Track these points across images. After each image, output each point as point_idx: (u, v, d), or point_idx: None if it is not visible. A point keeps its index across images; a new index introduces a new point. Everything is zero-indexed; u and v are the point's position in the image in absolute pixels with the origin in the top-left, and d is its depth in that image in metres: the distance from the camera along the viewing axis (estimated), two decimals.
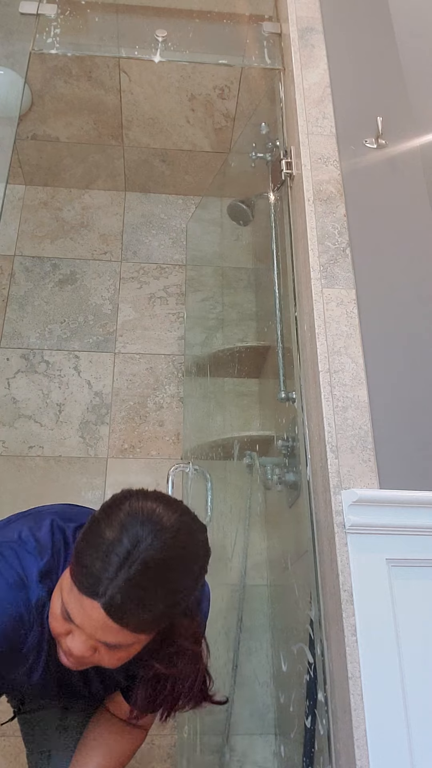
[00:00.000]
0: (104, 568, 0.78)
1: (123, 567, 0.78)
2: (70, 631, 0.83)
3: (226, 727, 1.85)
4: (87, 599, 0.79)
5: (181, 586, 0.82)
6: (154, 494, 0.87)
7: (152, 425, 2.32)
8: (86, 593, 0.78)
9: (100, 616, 0.78)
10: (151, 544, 0.79)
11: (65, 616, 0.82)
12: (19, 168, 2.72)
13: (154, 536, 0.80)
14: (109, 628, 0.79)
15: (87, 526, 0.84)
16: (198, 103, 2.43)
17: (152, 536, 0.80)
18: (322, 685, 1.21)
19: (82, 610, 0.79)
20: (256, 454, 1.98)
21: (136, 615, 0.78)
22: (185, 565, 0.83)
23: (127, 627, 0.79)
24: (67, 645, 0.84)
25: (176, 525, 0.82)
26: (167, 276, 2.64)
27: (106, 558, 0.78)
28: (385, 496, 1.20)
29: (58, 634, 0.86)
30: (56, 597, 0.85)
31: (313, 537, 1.32)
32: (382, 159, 1.65)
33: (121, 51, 2.13)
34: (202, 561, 0.86)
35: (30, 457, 2.22)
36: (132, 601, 0.77)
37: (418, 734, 1.05)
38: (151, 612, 0.79)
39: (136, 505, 0.83)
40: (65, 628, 0.84)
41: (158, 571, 0.79)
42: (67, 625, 0.83)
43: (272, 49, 2.03)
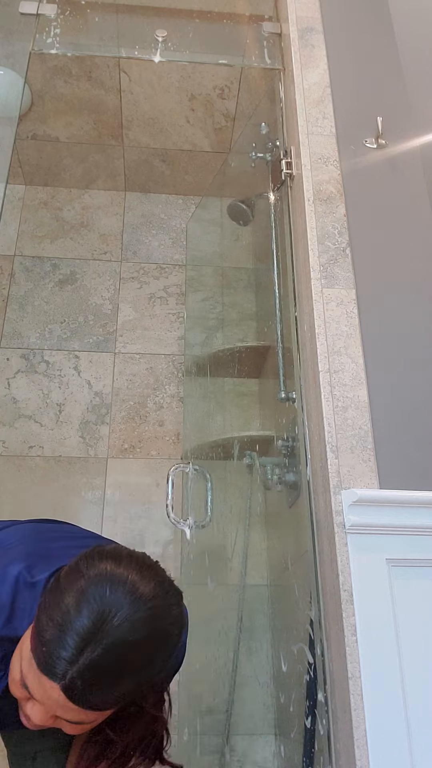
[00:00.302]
0: (64, 648, 0.70)
1: (85, 649, 0.69)
2: (29, 699, 0.76)
3: (226, 727, 1.85)
4: (46, 678, 0.71)
5: (151, 668, 0.74)
6: (127, 556, 0.78)
7: (152, 425, 2.32)
8: (45, 673, 0.71)
9: (60, 698, 0.71)
10: (119, 625, 0.70)
11: (23, 686, 0.75)
12: (19, 168, 2.72)
13: (123, 615, 0.71)
14: (69, 709, 0.72)
15: (51, 587, 0.75)
16: (198, 103, 2.43)
17: (121, 614, 0.71)
18: (322, 686, 1.21)
19: (41, 689, 0.72)
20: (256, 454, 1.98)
21: (98, 697, 0.71)
22: (157, 647, 0.74)
23: (90, 709, 0.72)
24: (27, 711, 0.77)
25: (150, 600, 0.73)
26: (167, 276, 2.64)
27: (66, 636, 0.70)
28: (385, 496, 1.20)
29: (18, 698, 0.79)
30: (16, 662, 0.77)
31: (313, 537, 1.32)
32: (382, 159, 1.65)
33: (121, 51, 2.13)
34: (176, 639, 0.76)
35: (30, 457, 2.22)
36: (94, 686, 0.70)
37: (418, 734, 1.05)
38: (116, 694, 0.72)
39: (105, 569, 0.74)
40: (25, 694, 0.76)
41: (126, 655, 0.71)
42: (26, 692, 0.76)
43: (272, 49, 2.03)
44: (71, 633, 0.70)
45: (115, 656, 0.70)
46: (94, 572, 0.74)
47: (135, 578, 0.74)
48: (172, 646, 0.76)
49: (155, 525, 2.13)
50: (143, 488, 2.19)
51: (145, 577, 0.75)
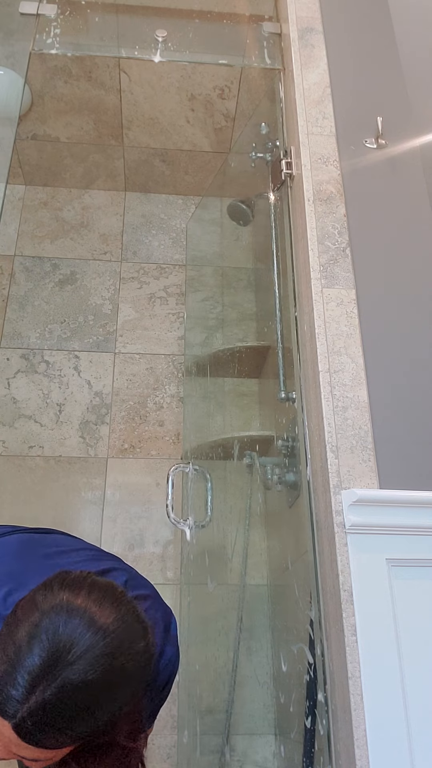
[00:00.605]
0: (14, 686, 0.65)
1: (36, 689, 0.65)
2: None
3: (226, 727, 1.85)
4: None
5: (111, 706, 0.68)
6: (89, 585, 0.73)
7: (152, 425, 2.32)
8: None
9: (12, 736, 0.66)
10: (72, 663, 0.65)
11: None
12: (19, 168, 2.72)
13: (78, 652, 0.66)
14: (23, 747, 0.67)
15: (8, 619, 0.71)
16: (198, 103, 2.43)
17: (75, 651, 0.66)
18: (322, 686, 1.21)
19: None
20: (256, 454, 1.98)
21: (51, 738, 0.66)
22: (116, 684, 0.68)
23: (44, 748, 0.67)
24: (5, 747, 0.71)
25: (109, 635, 0.68)
26: (167, 276, 2.64)
27: (17, 674, 0.65)
28: (385, 496, 1.20)
29: None
30: None
31: (313, 537, 1.32)
32: (382, 159, 1.65)
33: (121, 51, 2.13)
34: (140, 675, 0.71)
35: (30, 457, 2.22)
36: (47, 726, 0.65)
37: (418, 734, 1.05)
38: (71, 735, 0.67)
39: (62, 600, 0.69)
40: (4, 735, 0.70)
41: (80, 696, 0.65)
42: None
43: (272, 49, 2.03)
44: (21, 671, 0.65)
45: (68, 697, 0.65)
46: (48, 605, 0.69)
47: (94, 610, 0.69)
48: (136, 682, 0.71)
49: (155, 525, 2.13)
50: (143, 488, 2.20)
51: (104, 609, 0.70)
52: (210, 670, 1.92)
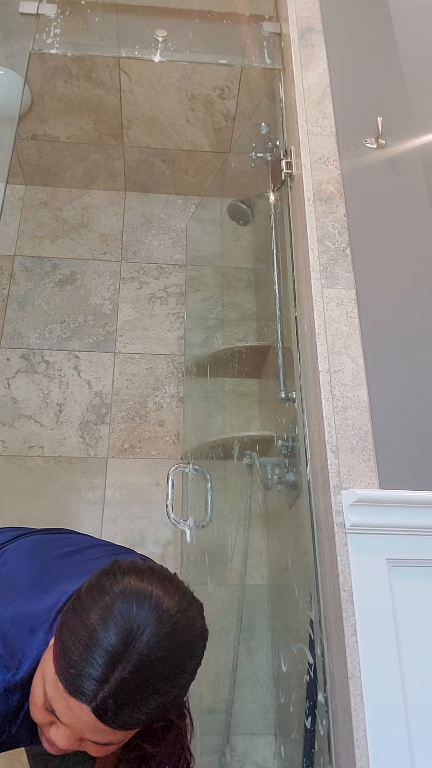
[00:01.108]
0: (93, 667, 0.68)
1: (115, 668, 0.68)
2: (53, 722, 0.75)
3: (226, 727, 1.85)
4: (75, 700, 0.69)
5: (181, 680, 0.73)
6: (149, 570, 0.76)
7: (152, 425, 2.32)
8: (74, 695, 0.69)
9: (91, 719, 0.69)
10: (147, 641, 0.69)
11: (48, 709, 0.73)
12: (19, 168, 2.72)
13: (151, 631, 0.70)
14: (99, 730, 0.70)
15: (72, 605, 0.74)
16: (198, 103, 2.43)
17: (149, 630, 0.70)
18: (322, 686, 1.21)
19: (70, 711, 0.70)
20: (256, 454, 1.98)
21: (130, 716, 0.69)
22: (185, 659, 0.73)
23: (120, 728, 0.70)
24: (51, 737, 0.75)
25: (175, 614, 0.72)
26: (167, 276, 2.64)
27: (95, 655, 0.68)
28: (385, 496, 1.20)
29: (41, 724, 0.77)
30: (38, 685, 0.75)
31: (313, 537, 1.32)
32: (382, 159, 1.65)
33: (121, 51, 2.13)
34: (201, 651, 0.76)
35: (30, 457, 2.22)
36: (127, 705, 0.68)
37: (419, 734, 1.05)
38: (147, 711, 0.70)
39: (129, 585, 0.73)
40: (48, 719, 0.75)
41: (156, 671, 0.70)
42: (50, 716, 0.74)
43: (272, 49, 2.03)
44: (99, 652, 0.68)
45: (145, 673, 0.69)
46: (118, 588, 0.72)
47: (159, 593, 0.73)
48: (198, 657, 0.76)
49: (155, 525, 2.13)
50: (143, 488, 2.19)
51: (168, 591, 0.74)
52: (210, 670, 1.92)
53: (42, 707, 0.74)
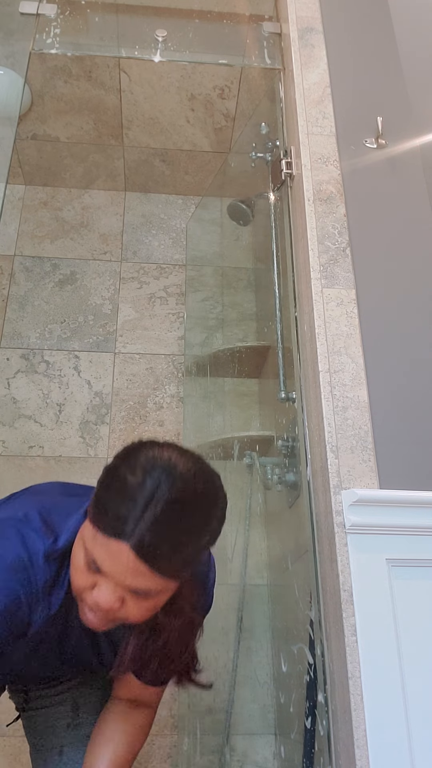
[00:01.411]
0: (128, 508, 0.76)
1: (149, 507, 0.76)
2: (95, 584, 0.81)
3: (226, 727, 1.85)
4: (115, 542, 0.77)
5: (204, 526, 0.81)
6: (167, 443, 0.86)
7: (152, 425, 2.32)
8: (114, 536, 0.77)
9: (130, 559, 0.76)
10: (172, 485, 0.78)
11: (91, 567, 0.80)
12: (19, 168, 2.72)
13: (178, 474, 0.79)
14: (138, 572, 0.77)
15: (105, 476, 0.82)
16: (198, 103, 2.43)
17: (175, 474, 0.79)
18: (322, 686, 1.21)
19: (110, 555, 0.77)
20: (256, 454, 1.98)
21: (164, 555, 0.77)
22: (206, 506, 0.82)
23: (157, 569, 0.77)
24: (94, 599, 0.81)
25: (192, 469, 0.81)
26: (167, 276, 2.64)
27: (128, 499, 0.77)
28: (385, 496, 1.20)
29: (83, 589, 0.83)
30: (78, 549, 0.83)
31: (313, 537, 1.32)
32: (382, 159, 1.65)
33: (121, 51, 2.13)
34: (222, 504, 0.84)
35: (30, 457, 2.22)
36: (160, 540, 0.76)
37: (419, 734, 1.05)
38: (179, 552, 0.78)
39: (152, 452, 0.82)
40: (90, 581, 0.82)
41: (182, 511, 0.78)
42: (92, 577, 0.81)
43: (272, 49, 2.03)
44: (133, 494, 0.77)
45: (173, 512, 0.77)
46: (145, 455, 0.81)
47: (178, 456, 0.82)
48: (219, 511, 0.83)
49: None
50: None
51: (186, 455, 0.83)
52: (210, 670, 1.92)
53: (84, 568, 0.81)
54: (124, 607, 0.82)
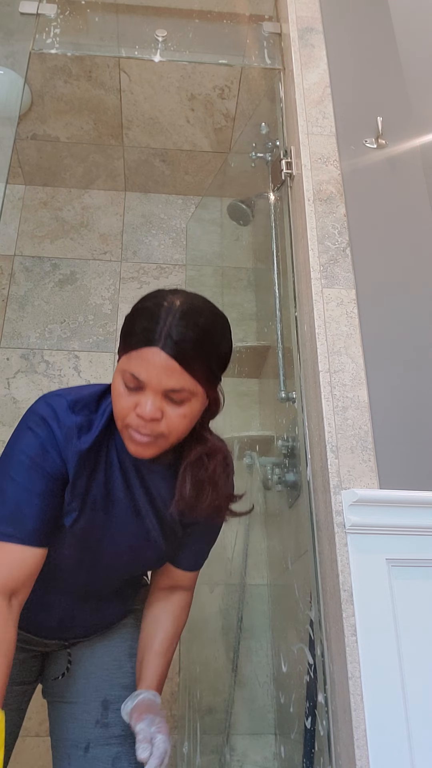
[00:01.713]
0: (155, 321, 0.93)
1: (169, 316, 0.93)
2: (137, 403, 0.94)
3: (226, 727, 1.85)
4: (147, 350, 0.93)
5: (217, 334, 1.00)
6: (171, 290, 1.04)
7: None
8: (146, 344, 0.93)
9: (162, 357, 0.92)
10: (184, 300, 0.96)
11: (130, 384, 0.95)
12: (19, 168, 2.72)
13: (187, 295, 0.98)
14: (170, 369, 0.92)
15: (128, 315, 1.00)
16: (198, 103, 2.43)
17: (185, 297, 0.97)
18: (323, 686, 1.21)
19: (145, 361, 0.93)
20: (256, 454, 1.98)
21: (189, 352, 0.93)
22: (217, 318, 1.01)
23: (185, 366, 0.93)
24: (138, 414, 0.94)
25: (201, 297, 1.01)
26: (167, 276, 2.64)
27: (151, 317, 0.94)
28: (385, 496, 1.20)
29: (126, 413, 0.96)
30: (117, 380, 0.97)
31: (313, 537, 1.32)
32: (382, 159, 1.65)
33: (121, 51, 2.13)
34: (227, 323, 1.04)
35: None
36: (183, 338, 0.93)
37: (419, 734, 1.05)
38: (200, 350, 0.95)
39: (165, 290, 1.00)
40: (132, 401, 0.95)
41: (198, 316, 0.96)
42: (133, 397, 0.95)
43: (272, 49, 2.03)
44: (155, 311, 0.94)
45: (190, 317, 0.95)
46: (157, 291, 1.00)
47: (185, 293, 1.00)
48: (227, 325, 1.04)
49: None
50: None
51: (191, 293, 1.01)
52: (210, 670, 1.92)
53: (125, 392, 0.95)
54: (165, 418, 0.95)
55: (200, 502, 1.05)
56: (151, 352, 0.93)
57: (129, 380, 0.95)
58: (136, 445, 0.97)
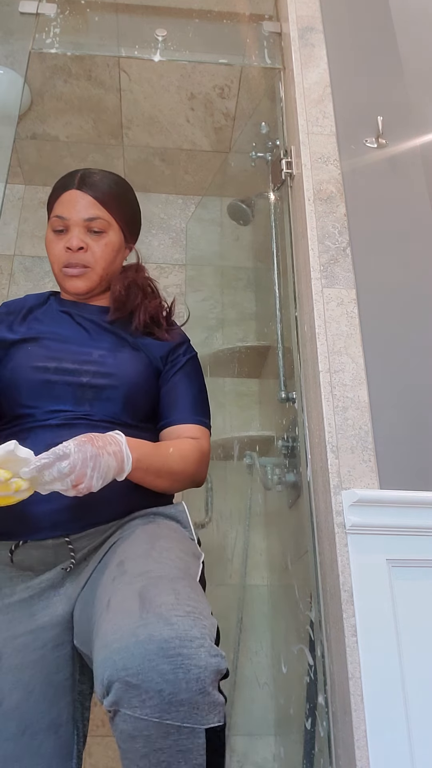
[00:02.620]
0: (70, 175, 1.26)
1: (80, 171, 1.26)
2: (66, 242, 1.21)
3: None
4: (66, 193, 1.22)
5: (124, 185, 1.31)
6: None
7: None
8: (63, 191, 1.23)
9: (78, 195, 1.21)
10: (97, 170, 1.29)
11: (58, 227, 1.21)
12: (18, 168, 2.71)
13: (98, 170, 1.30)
14: (87, 203, 1.20)
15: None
16: (198, 103, 2.42)
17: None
18: (323, 687, 1.20)
19: (66, 202, 1.21)
20: (256, 455, 1.97)
21: (100, 188, 1.22)
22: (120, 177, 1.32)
23: (98, 199, 1.21)
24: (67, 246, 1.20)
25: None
26: (167, 276, 2.64)
27: (69, 175, 1.26)
28: (386, 497, 1.20)
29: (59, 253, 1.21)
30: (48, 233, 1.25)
31: (313, 537, 1.31)
32: (382, 158, 1.65)
33: (120, 50, 2.12)
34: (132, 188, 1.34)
35: None
36: (94, 181, 1.23)
37: (419, 734, 1.04)
38: (110, 189, 1.24)
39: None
40: (62, 242, 1.21)
41: (104, 171, 1.29)
42: (62, 239, 1.21)
43: (272, 49, 2.03)
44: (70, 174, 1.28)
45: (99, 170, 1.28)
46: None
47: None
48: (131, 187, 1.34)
49: None
50: None
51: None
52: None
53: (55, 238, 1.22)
54: (89, 250, 1.21)
55: (131, 302, 1.27)
56: (70, 194, 1.20)
57: (56, 223, 1.20)
58: (70, 279, 1.21)
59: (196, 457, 1.14)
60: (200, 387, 1.27)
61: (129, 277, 1.32)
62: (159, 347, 1.26)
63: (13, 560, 1.03)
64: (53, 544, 1.03)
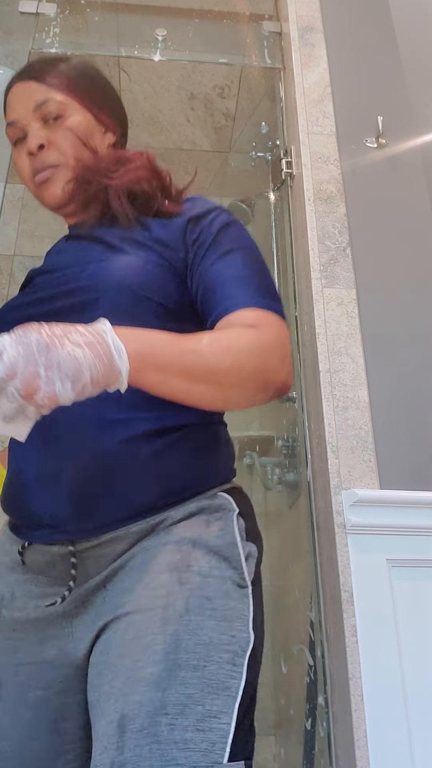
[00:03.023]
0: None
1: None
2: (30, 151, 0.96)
3: None
4: (9, 92, 0.99)
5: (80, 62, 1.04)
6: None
7: None
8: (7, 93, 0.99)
9: (21, 86, 0.97)
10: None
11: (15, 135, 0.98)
12: None
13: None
14: (30, 90, 0.96)
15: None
16: (198, 102, 2.42)
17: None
18: (323, 687, 1.20)
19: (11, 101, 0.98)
20: (256, 455, 1.97)
21: (40, 67, 0.98)
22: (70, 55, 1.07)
23: (40, 80, 0.97)
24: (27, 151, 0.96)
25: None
26: None
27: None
28: (386, 497, 1.20)
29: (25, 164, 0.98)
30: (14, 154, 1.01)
31: (313, 537, 1.31)
32: (382, 158, 1.65)
33: (120, 50, 2.12)
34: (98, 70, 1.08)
35: None
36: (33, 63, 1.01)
37: (419, 734, 1.04)
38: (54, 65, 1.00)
39: None
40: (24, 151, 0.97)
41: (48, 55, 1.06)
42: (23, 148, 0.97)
43: (272, 49, 2.03)
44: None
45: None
46: None
47: None
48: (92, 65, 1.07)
49: None
50: None
51: None
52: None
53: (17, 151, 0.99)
54: (52, 144, 0.96)
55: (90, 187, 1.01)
56: (12, 91, 0.98)
57: (11, 133, 0.98)
58: (44, 187, 0.98)
59: (251, 346, 0.78)
60: (246, 262, 0.89)
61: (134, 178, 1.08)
62: (168, 228, 0.96)
63: (25, 562, 0.82)
64: (59, 552, 0.78)
